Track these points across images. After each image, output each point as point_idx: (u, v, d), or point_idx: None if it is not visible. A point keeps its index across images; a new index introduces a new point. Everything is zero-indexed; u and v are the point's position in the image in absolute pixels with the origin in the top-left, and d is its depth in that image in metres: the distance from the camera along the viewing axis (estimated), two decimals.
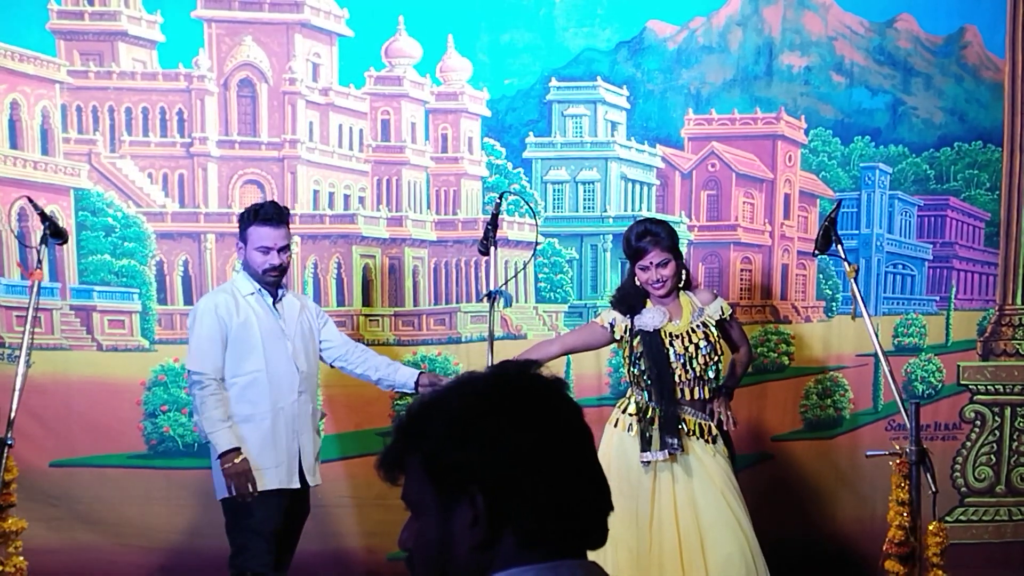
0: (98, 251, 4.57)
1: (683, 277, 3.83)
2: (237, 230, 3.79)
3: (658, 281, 3.75)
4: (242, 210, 3.81)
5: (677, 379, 3.75)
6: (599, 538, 1.34)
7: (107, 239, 4.58)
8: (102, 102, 4.59)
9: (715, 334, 3.79)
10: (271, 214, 3.69)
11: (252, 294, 3.73)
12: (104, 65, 4.58)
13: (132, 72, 4.59)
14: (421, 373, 3.95)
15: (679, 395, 3.76)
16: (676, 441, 3.69)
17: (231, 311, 3.67)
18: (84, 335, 4.59)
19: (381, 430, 4.70)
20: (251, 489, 3.61)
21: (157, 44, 4.60)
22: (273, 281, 3.73)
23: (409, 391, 3.94)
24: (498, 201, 3.96)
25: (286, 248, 3.71)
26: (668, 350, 3.75)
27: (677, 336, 3.75)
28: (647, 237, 3.74)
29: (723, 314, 3.85)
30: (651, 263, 3.74)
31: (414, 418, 1.33)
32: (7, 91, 4.48)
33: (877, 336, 3.66)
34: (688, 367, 3.75)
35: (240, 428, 3.65)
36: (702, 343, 3.77)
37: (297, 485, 3.78)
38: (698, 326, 3.78)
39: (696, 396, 3.78)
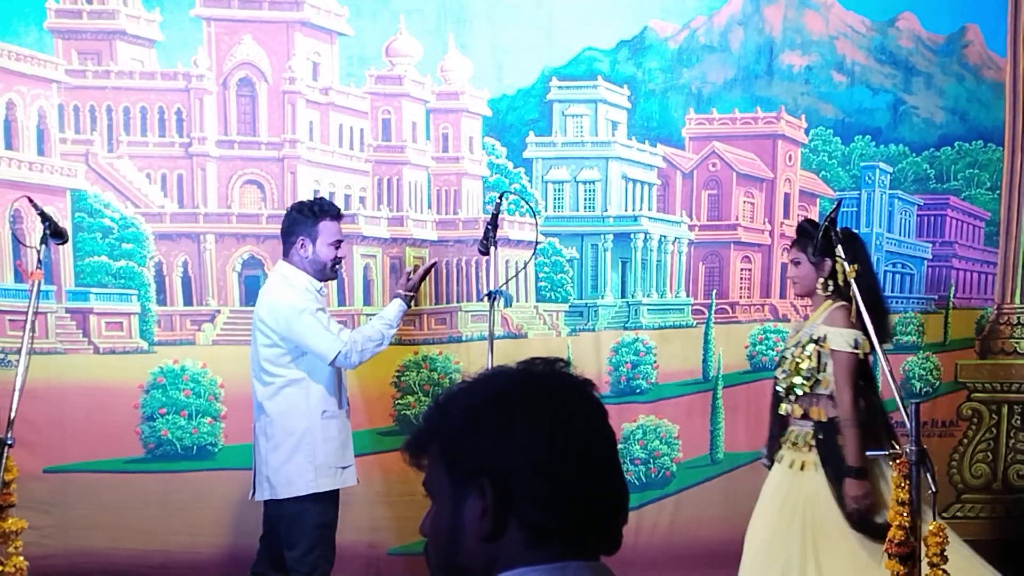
0: (95, 253, 4.52)
1: (818, 283, 3.69)
2: (286, 226, 3.80)
3: (791, 279, 3.83)
4: (295, 206, 3.84)
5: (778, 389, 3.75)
6: (611, 543, 1.33)
7: (104, 240, 4.54)
8: (100, 102, 4.54)
9: (806, 352, 3.63)
10: (337, 209, 3.83)
11: (319, 290, 3.79)
12: (102, 64, 4.53)
13: (130, 71, 4.54)
14: None
15: (783, 407, 3.74)
16: (763, 450, 3.83)
17: (320, 303, 3.74)
18: (80, 338, 4.54)
19: (382, 429, 4.70)
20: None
21: (156, 43, 4.55)
22: (336, 274, 3.88)
23: None
24: (499, 201, 3.96)
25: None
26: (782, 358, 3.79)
27: (791, 346, 3.75)
28: (799, 231, 3.80)
29: (822, 339, 3.61)
30: (788, 260, 3.83)
31: (439, 406, 1.34)
32: (3, 90, 4.42)
33: (877, 336, 3.66)
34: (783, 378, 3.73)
35: (328, 424, 3.74)
36: (788, 354, 3.73)
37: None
38: (802, 342, 3.68)
39: (792, 411, 3.73)
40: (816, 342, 3.64)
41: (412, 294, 3.91)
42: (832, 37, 4.89)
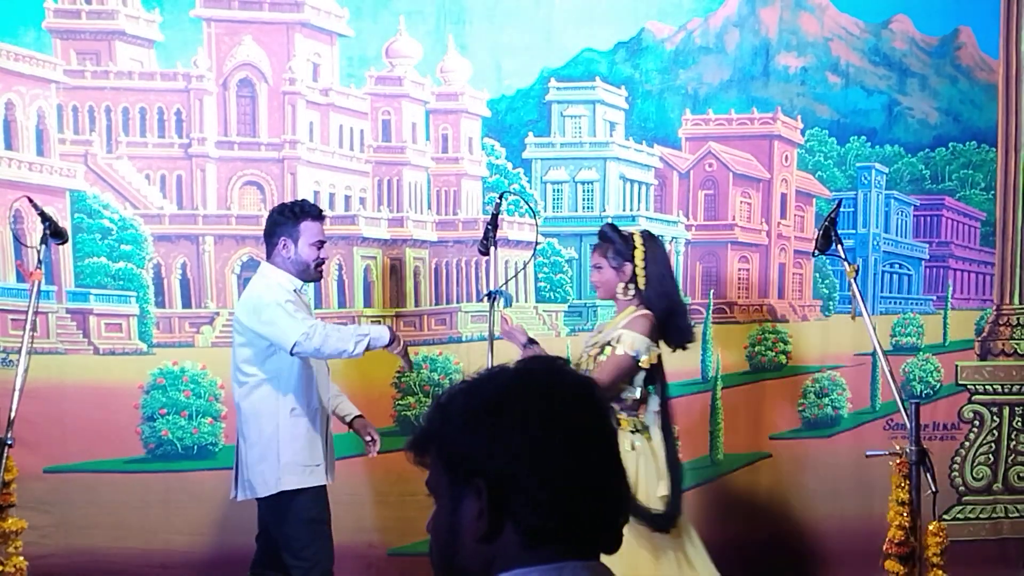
0: (94, 254, 4.52)
1: (618, 288, 3.71)
2: (268, 227, 3.77)
3: (593, 283, 3.83)
4: (276, 208, 3.82)
5: None
6: (612, 542, 1.32)
7: (103, 242, 4.53)
8: (99, 102, 4.54)
9: (603, 357, 3.61)
10: (319, 210, 3.80)
11: (296, 290, 3.75)
12: (101, 64, 4.54)
13: (129, 72, 4.55)
14: (358, 416, 4.00)
15: None
16: None
17: (292, 298, 3.68)
18: (80, 339, 4.53)
19: (382, 430, 4.66)
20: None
21: (155, 43, 4.56)
22: (320, 275, 3.85)
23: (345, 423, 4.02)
24: (498, 201, 3.96)
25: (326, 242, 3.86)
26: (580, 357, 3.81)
27: (588, 346, 3.77)
28: (600, 236, 3.77)
29: (616, 340, 3.60)
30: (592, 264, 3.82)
31: (440, 406, 1.34)
32: (2, 91, 4.42)
33: (877, 336, 3.68)
34: None
35: (295, 422, 3.70)
36: (584, 353, 3.76)
37: (330, 481, 3.87)
38: (599, 343, 3.69)
39: None
40: (610, 344, 3.63)
41: (399, 341, 3.74)
42: (827, 39, 4.93)
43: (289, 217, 3.73)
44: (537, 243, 4.31)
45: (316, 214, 3.77)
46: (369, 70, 4.71)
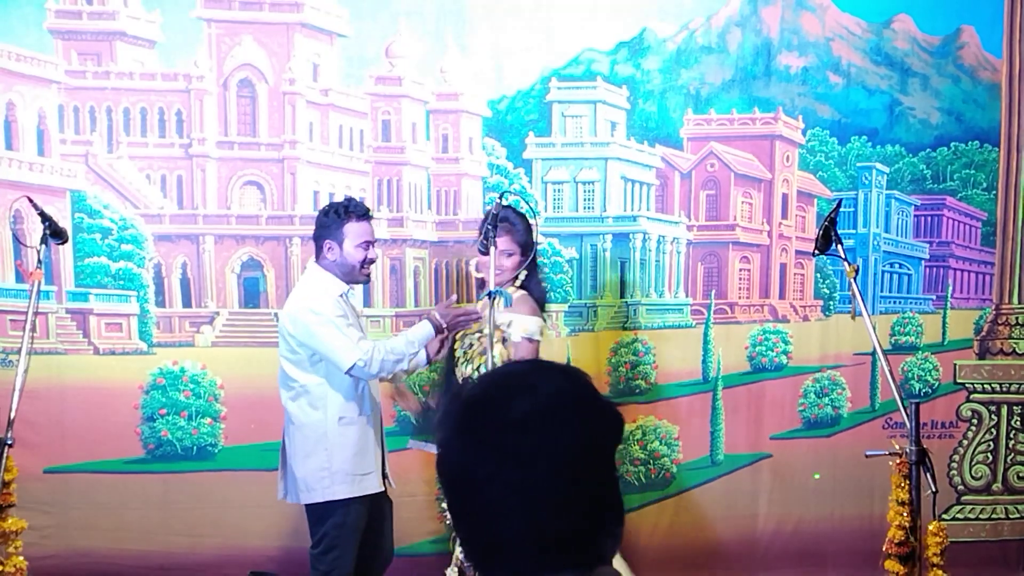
0: (95, 253, 4.53)
1: (520, 274, 3.76)
2: (315, 229, 3.71)
3: (498, 269, 3.68)
4: (323, 209, 3.75)
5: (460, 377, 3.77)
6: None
7: (104, 241, 4.54)
8: (100, 102, 4.55)
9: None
10: (365, 209, 3.72)
11: (343, 295, 3.69)
12: (102, 65, 4.54)
13: (130, 72, 4.56)
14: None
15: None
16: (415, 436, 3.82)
17: (342, 310, 3.62)
18: (80, 339, 4.54)
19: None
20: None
21: (156, 44, 4.56)
22: (367, 277, 3.79)
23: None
24: (498, 201, 3.95)
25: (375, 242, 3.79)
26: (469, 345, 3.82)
27: (475, 332, 3.77)
28: (505, 223, 3.69)
29: (508, 324, 3.65)
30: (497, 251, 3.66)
31: None
32: (3, 91, 4.43)
33: (876, 336, 3.67)
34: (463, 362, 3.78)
35: (344, 431, 3.65)
36: (474, 340, 3.78)
37: (382, 488, 3.82)
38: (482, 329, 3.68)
39: None
40: (499, 327, 3.63)
41: (444, 326, 3.67)
42: (828, 39, 4.92)
43: (334, 218, 3.65)
44: (537, 243, 4.30)
45: (361, 213, 3.67)
46: (369, 70, 4.71)
